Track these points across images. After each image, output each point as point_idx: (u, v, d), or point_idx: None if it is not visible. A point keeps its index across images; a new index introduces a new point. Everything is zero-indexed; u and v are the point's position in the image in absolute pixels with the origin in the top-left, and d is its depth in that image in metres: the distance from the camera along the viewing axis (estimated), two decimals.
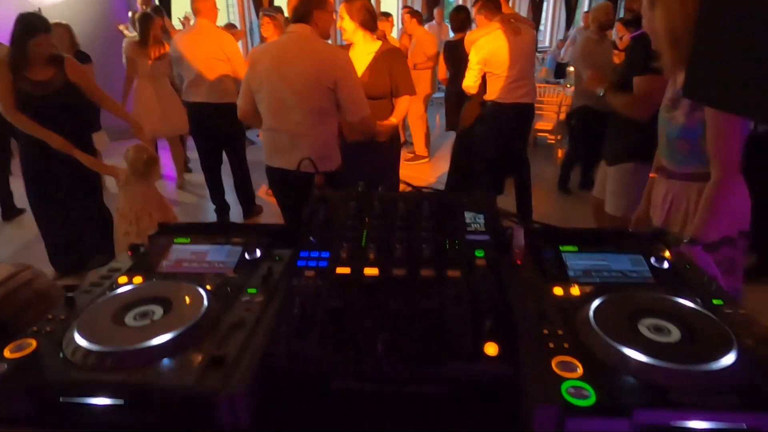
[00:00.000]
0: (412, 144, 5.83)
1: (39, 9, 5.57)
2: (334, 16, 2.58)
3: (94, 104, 3.05)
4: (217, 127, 3.95)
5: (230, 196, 4.41)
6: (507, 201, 3.89)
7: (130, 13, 5.15)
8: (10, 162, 4.37)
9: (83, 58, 4.34)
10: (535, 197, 4.01)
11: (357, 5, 2.56)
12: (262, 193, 4.78)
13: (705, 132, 1.58)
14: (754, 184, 1.71)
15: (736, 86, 0.77)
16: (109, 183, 4.08)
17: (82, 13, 6.12)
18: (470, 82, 3.55)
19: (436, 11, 7.98)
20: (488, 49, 3.34)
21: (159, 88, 4.61)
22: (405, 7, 7.27)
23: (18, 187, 4.26)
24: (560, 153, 5.65)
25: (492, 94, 3.52)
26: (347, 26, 2.61)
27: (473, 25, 4.73)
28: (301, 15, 2.18)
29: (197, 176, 5.04)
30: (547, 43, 11.69)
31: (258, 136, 5.71)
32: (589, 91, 4.11)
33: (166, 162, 5.16)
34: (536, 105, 3.92)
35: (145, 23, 4.46)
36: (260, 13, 6.51)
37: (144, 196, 2.82)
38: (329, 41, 2.46)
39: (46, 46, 2.72)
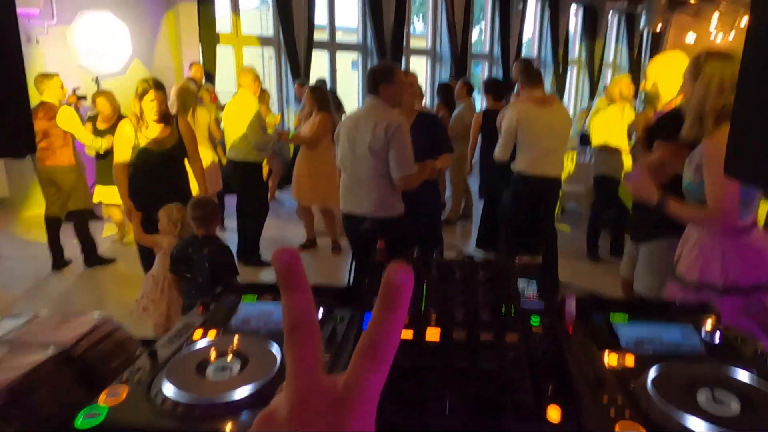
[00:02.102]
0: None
1: (97, 78, 6.07)
2: (406, 86, 2.94)
3: None
4: (240, 179, 4.54)
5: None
6: None
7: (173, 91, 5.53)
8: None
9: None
10: (563, 265, 3.99)
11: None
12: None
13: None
14: None
15: None
16: None
17: (136, 79, 6.60)
18: (500, 151, 3.63)
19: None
20: (518, 119, 3.44)
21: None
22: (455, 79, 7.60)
23: (67, 241, 4.51)
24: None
25: (519, 165, 3.58)
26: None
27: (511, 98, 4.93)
28: (369, 88, 2.61)
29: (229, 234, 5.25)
30: (570, 113, 12.01)
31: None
32: (609, 159, 4.24)
33: None
34: (564, 171, 4.03)
35: (187, 94, 4.85)
36: (295, 82, 7.03)
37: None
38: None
39: (159, 102, 3.04)
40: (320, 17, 8.16)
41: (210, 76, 6.99)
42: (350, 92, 9.70)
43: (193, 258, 2.45)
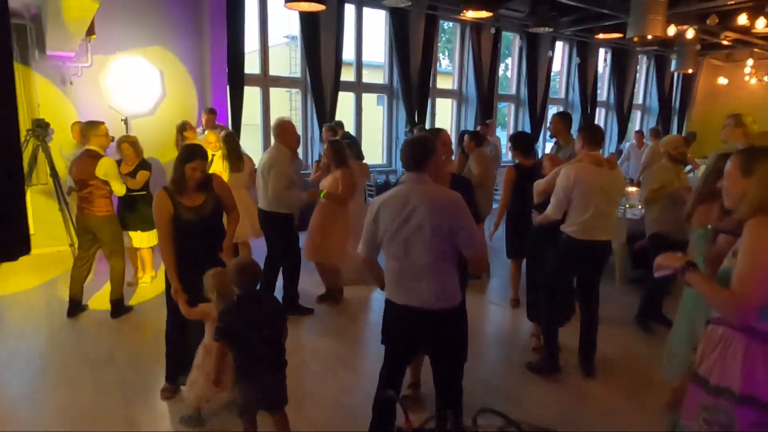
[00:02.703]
0: None
1: (126, 118, 6.15)
2: (444, 151, 2.82)
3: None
4: (269, 230, 4.45)
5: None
6: (569, 333, 3.64)
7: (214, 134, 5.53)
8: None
9: (144, 165, 4.68)
10: (605, 330, 3.70)
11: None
12: None
13: None
14: None
15: None
16: None
17: (166, 121, 6.68)
18: (553, 210, 3.38)
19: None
20: (575, 179, 3.24)
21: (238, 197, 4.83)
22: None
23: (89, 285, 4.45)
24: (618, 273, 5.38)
25: (568, 226, 3.36)
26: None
27: (540, 153, 4.76)
28: (412, 164, 2.32)
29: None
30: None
31: None
32: (665, 217, 3.98)
33: None
34: None
35: (230, 140, 4.83)
36: (323, 126, 6.97)
37: None
38: None
39: (201, 171, 2.82)
40: (347, 52, 8.22)
41: (237, 120, 7.04)
42: (375, 129, 9.70)
43: (244, 320, 2.35)
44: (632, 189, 6.15)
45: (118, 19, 6.23)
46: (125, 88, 6.00)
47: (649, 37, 7.15)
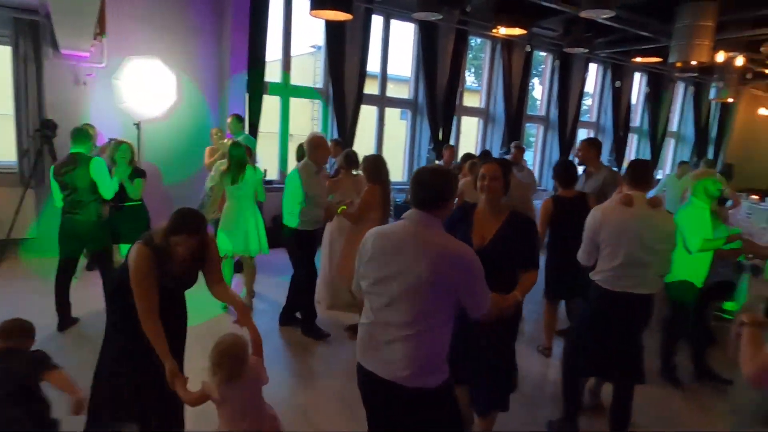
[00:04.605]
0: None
1: (139, 123, 5.91)
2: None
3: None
4: (288, 245, 4.36)
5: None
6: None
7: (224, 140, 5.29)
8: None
9: (138, 173, 4.42)
10: (637, 392, 3.23)
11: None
12: None
13: None
14: None
15: None
16: None
17: (178, 126, 6.44)
18: (582, 255, 2.99)
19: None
20: (602, 220, 2.83)
21: (243, 208, 4.53)
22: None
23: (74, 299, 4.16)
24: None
25: (596, 273, 2.93)
26: None
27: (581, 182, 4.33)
28: (425, 203, 1.86)
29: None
30: None
31: None
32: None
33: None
34: None
35: (233, 150, 4.52)
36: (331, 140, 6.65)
37: (240, 412, 2.07)
38: None
39: (185, 248, 2.19)
40: (373, 64, 7.91)
41: (255, 127, 6.78)
42: (398, 144, 9.35)
43: None
44: None
45: (136, 20, 6.03)
46: (139, 91, 5.75)
47: (693, 63, 6.73)
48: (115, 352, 2.38)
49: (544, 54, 10.10)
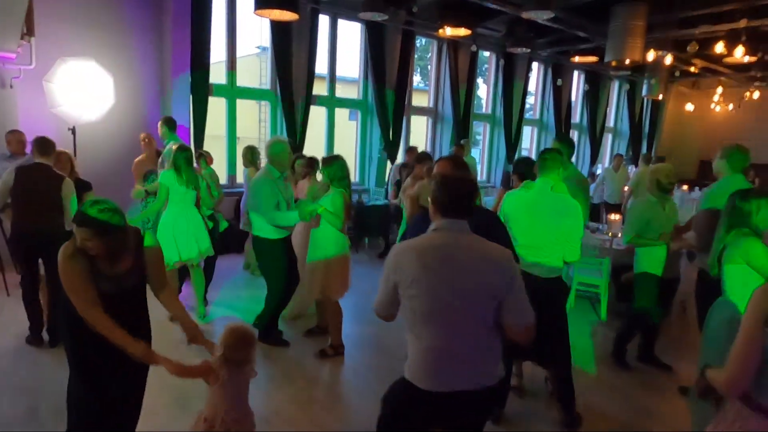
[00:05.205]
0: None
1: (74, 127, 5.58)
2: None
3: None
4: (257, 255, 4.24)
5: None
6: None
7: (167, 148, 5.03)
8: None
9: (84, 186, 4.16)
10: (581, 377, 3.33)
11: None
12: None
13: None
14: None
15: None
16: None
17: (116, 130, 6.13)
18: None
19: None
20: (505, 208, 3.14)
21: (180, 215, 4.33)
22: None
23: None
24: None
25: None
26: None
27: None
28: (458, 210, 1.84)
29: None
30: None
31: None
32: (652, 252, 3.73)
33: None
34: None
35: (176, 154, 4.33)
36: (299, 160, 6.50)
37: (232, 398, 2.14)
38: None
39: (93, 244, 2.00)
40: (320, 65, 7.85)
41: (200, 130, 6.55)
42: (348, 145, 9.28)
43: None
44: (615, 217, 5.93)
45: (67, 19, 5.70)
46: (73, 94, 5.41)
47: (627, 61, 7.08)
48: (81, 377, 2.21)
49: (488, 54, 10.35)
